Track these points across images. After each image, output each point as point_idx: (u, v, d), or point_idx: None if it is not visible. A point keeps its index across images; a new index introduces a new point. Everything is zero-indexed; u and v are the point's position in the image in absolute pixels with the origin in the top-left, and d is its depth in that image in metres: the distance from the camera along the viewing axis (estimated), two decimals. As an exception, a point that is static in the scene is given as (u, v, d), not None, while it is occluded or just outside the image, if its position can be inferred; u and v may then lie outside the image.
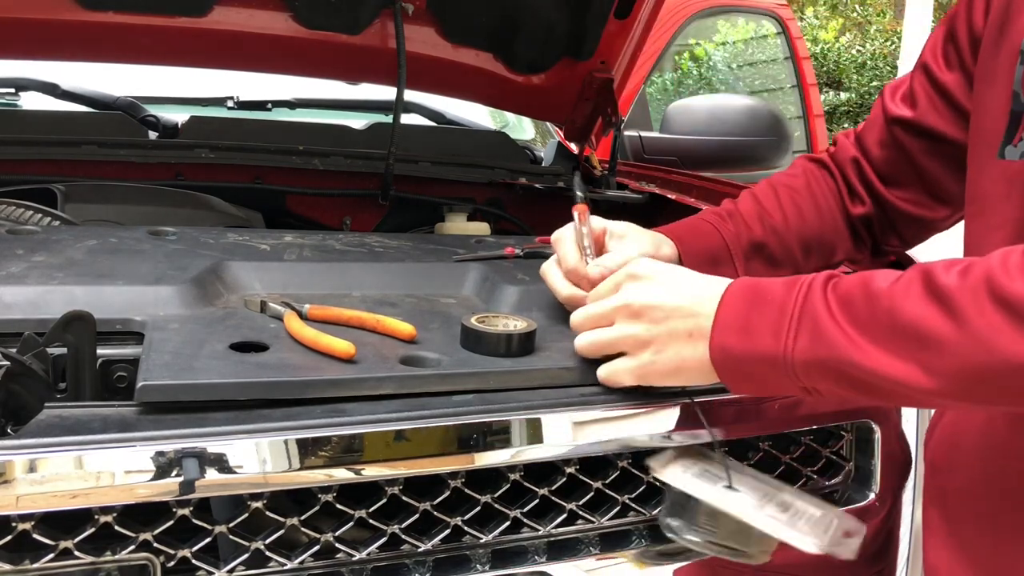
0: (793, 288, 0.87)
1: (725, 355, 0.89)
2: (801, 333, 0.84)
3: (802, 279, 0.88)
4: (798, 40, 3.84)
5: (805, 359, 0.84)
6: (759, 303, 0.88)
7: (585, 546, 1.03)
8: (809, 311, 0.84)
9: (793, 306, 0.86)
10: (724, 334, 0.89)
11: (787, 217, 1.19)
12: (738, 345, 0.88)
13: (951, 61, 1.07)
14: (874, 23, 12.64)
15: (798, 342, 0.84)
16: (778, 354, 0.85)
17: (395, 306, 1.17)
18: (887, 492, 1.23)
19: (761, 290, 0.89)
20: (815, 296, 0.85)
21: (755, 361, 0.87)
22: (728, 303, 0.90)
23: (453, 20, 1.89)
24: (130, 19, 1.68)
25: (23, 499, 0.77)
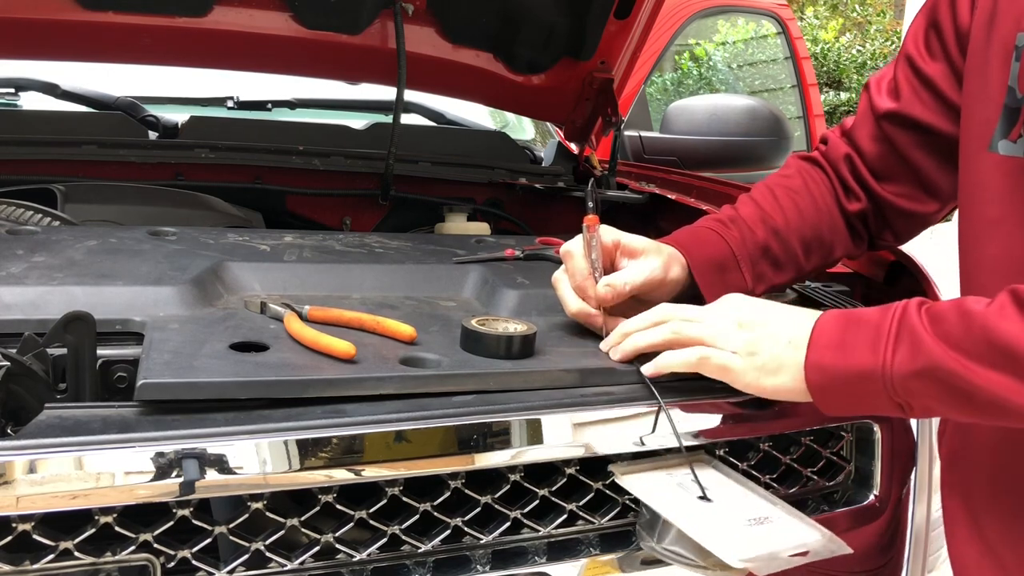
0: (887, 311, 0.90)
1: (821, 373, 0.91)
2: (900, 347, 0.87)
3: (894, 304, 0.91)
4: (798, 40, 3.84)
5: (904, 371, 0.87)
6: (854, 324, 0.92)
7: (585, 546, 1.03)
8: (907, 327, 0.88)
9: (889, 324, 0.89)
10: (820, 352, 0.92)
11: (787, 218, 1.19)
12: (835, 361, 0.91)
13: (935, 52, 1.08)
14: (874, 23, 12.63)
15: (897, 355, 0.87)
16: (876, 368, 0.88)
17: (395, 308, 1.17)
18: (891, 490, 1.23)
19: (854, 315, 0.93)
20: (911, 314, 0.88)
21: (851, 377, 0.90)
22: (823, 326, 0.93)
23: (453, 20, 1.89)
24: (130, 19, 1.68)
25: (23, 500, 0.77)
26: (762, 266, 1.18)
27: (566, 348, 1.08)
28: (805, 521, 0.96)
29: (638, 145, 2.95)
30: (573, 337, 1.12)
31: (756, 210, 1.20)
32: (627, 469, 1.00)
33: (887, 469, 1.22)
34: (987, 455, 1.00)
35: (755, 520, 0.95)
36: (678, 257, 1.15)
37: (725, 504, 0.97)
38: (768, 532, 0.93)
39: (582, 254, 1.11)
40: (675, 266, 1.14)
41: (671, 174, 2.13)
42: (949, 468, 1.08)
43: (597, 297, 1.09)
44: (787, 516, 0.97)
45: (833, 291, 1.46)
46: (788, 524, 0.96)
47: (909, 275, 1.44)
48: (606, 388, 1.01)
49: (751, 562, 0.89)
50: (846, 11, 12.84)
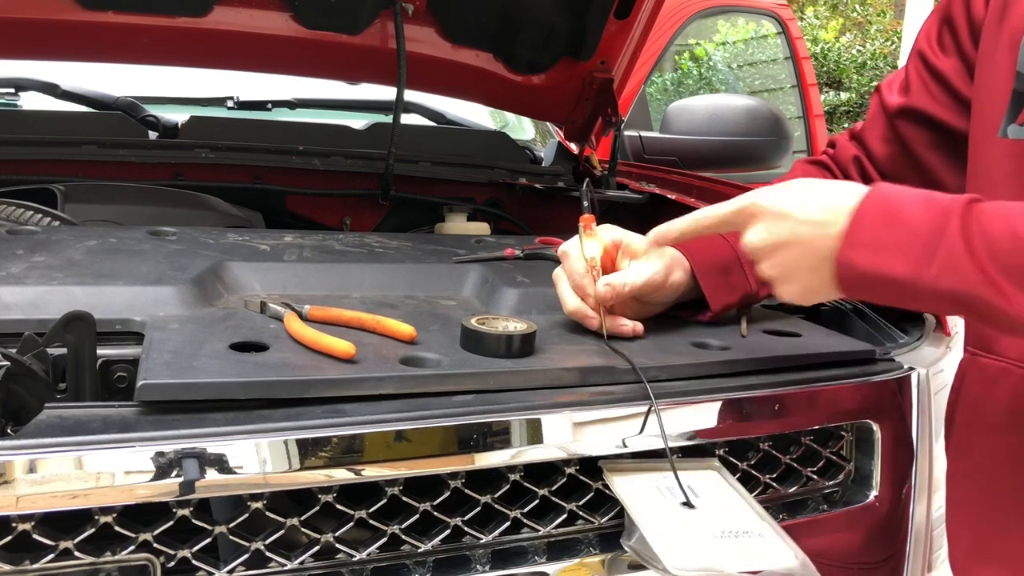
0: (931, 211, 0.86)
1: (851, 271, 0.89)
2: (936, 261, 0.84)
3: (941, 200, 0.87)
4: (798, 40, 3.84)
5: (936, 288, 0.85)
6: (893, 222, 0.87)
7: (585, 546, 1.03)
8: (948, 242, 0.84)
9: (931, 232, 0.85)
10: (853, 250, 0.88)
11: None
12: (867, 263, 0.88)
13: (947, 47, 1.09)
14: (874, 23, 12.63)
15: (932, 269, 0.85)
16: (908, 278, 0.86)
17: (395, 307, 1.17)
18: (891, 489, 1.23)
19: (897, 209, 0.88)
20: (954, 224, 0.85)
21: (882, 281, 0.88)
22: (862, 217, 0.89)
23: (453, 20, 1.89)
24: (130, 19, 1.68)
25: (23, 499, 0.77)
26: None
27: (566, 346, 1.08)
28: (785, 543, 0.94)
29: (638, 145, 2.95)
30: (573, 335, 1.12)
31: None
32: (618, 468, 1.00)
33: (887, 469, 1.22)
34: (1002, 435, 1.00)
35: (729, 533, 0.94)
36: (680, 260, 1.16)
37: (706, 513, 0.97)
38: (734, 547, 0.92)
39: (579, 254, 1.11)
40: (677, 269, 1.14)
41: (671, 174, 2.13)
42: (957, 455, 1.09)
43: (596, 296, 1.09)
44: (767, 534, 0.95)
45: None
46: (762, 543, 0.94)
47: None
48: (606, 388, 1.01)
49: (692, 573, 0.89)
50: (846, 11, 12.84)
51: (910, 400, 1.21)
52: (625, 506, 0.96)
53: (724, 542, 0.93)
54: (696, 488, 1.00)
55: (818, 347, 1.19)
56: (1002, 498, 1.01)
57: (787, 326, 1.25)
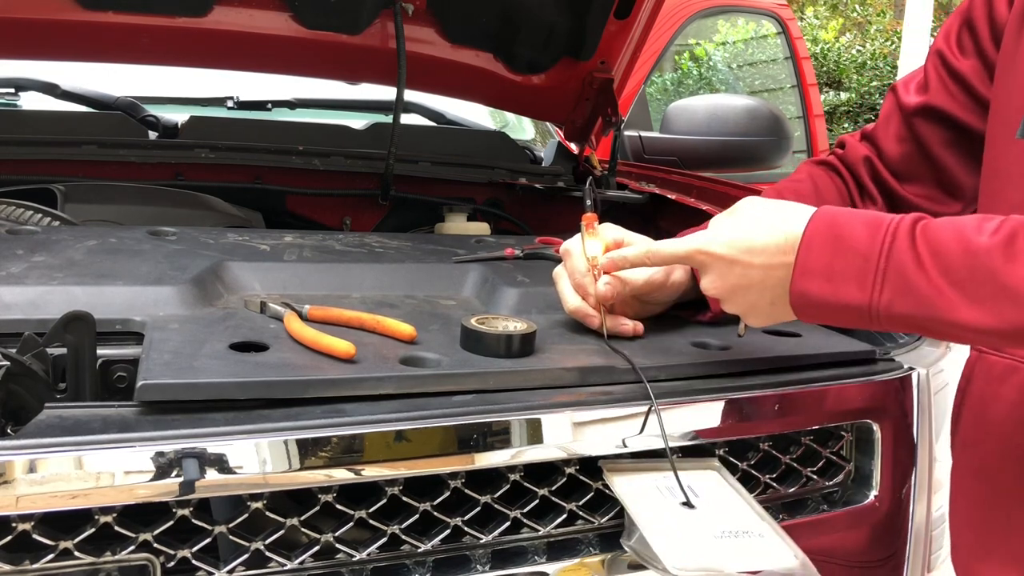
0: (878, 233, 0.87)
1: (805, 300, 0.90)
2: (887, 285, 0.85)
3: (886, 222, 0.88)
4: (798, 40, 3.84)
5: (891, 312, 0.86)
6: (840, 247, 0.88)
7: (585, 546, 1.03)
8: (896, 262, 0.85)
9: (879, 255, 0.86)
10: (805, 279, 0.90)
11: None
12: (820, 292, 0.89)
13: (966, 49, 1.10)
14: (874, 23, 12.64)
15: (883, 294, 0.86)
16: (863, 305, 0.87)
17: (395, 307, 1.17)
18: (891, 489, 1.23)
19: (843, 234, 0.89)
20: (901, 245, 0.85)
21: (837, 308, 0.89)
22: (809, 245, 0.90)
23: (453, 20, 1.89)
24: (130, 19, 1.68)
25: (23, 499, 0.77)
26: None
27: (566, 346, 1.08)
28: (785, 543, 0.94)
29: (638, 145, 2.95)
30: (573, 335, 1.12)
31: None
32: (617, 468, 1.00)
33: (887, 469, 1.22)
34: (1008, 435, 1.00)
35: (729, 533, 0.94)
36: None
37: (706, 513, 0.97)
38: (734, 547, 0.92)
39: (581, 252, 1.11)
40: (678, 269, 1.14)
41: (671, 174, 2.13)
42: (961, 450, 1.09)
43: (597, 295, 1.09)
44: (767, 534, 0.95)
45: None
46: (762, 543, 0.94)
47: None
48: (606, 388, 1.01)
49: (692, 573, 0.89)
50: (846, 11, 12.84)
51: (910, 400, 1.21)
52: (625, 506, 0.96)
53: (724, 542, 0.93)
54: (696, 488, 1.00)
55: (818, 347, 1.19)
56: (1008, 497, 1.01)
57: (787, 326, 1.24)
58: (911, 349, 1.29)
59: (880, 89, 10.97)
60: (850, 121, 10.93)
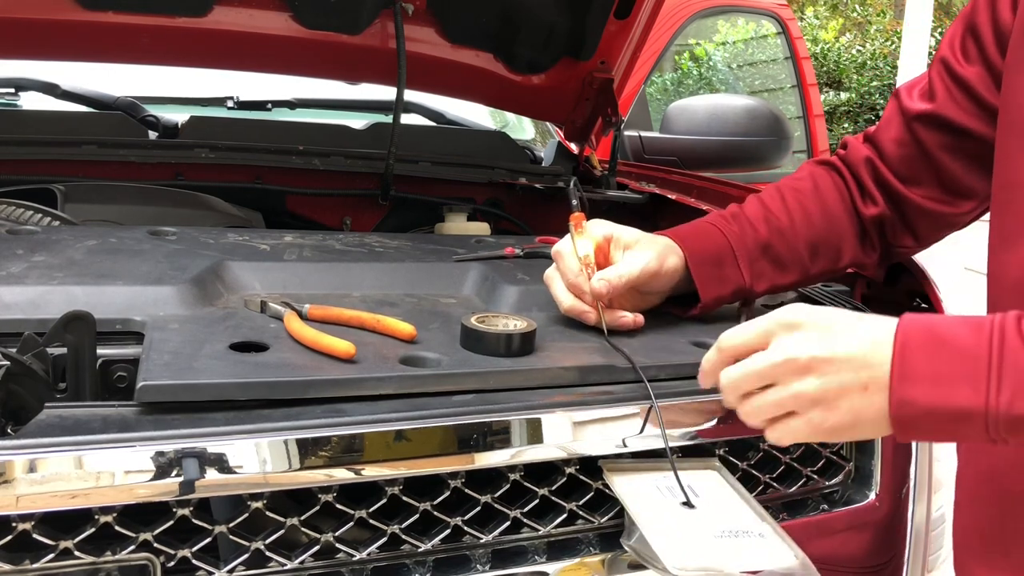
0: (982, 331, 0.79)
1: (910, 409, 0.80)
2: (1004, 386, 0.76)
3: (988, 320, 0.80)
4: (798, 40, 3.84)
5: (1012, 413, 0.77)
6: (943, 349, 0.80)
7: (585, 546, 1.03)
8: (1011, 361, 0.77)
9: (989, 352, 0.78)
10: (908, 386, 0.80)
11: (793, 219, 1.19)
12: (927, 398, 0.79)
13: (971, 55, 1.07)
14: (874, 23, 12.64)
15: (1003, 393, 0.77)
16: (979, 407, 0.77)
17: (395, 306, 1.17)
18: (891, 489, 1.23)
19: (941, 334, 0.80)
20: (1012, 340, 0.78)
21: (948, 415, 0.79)
22: (906, 350, 0.80)
23: (453, 20, 1.89)
24: (130, 19, 1.68)
25: (23, 499, 0.77)
26: (762, 264, 1.17)
27: (567, 343, 1.08)
28: (785, 543, 0.94)
29: (638, 145, 2.95)
30: (574, 333, 1.12)
31: (761, 209, 1.20)
32: (618, 468, 1.00)
33: (887, 469, 1.22)
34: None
35: (729, 533, 0.94)
36: (674, 248, 1.15)
37: (706, 512, 0.96)
38: (733, 547, 0.92)
39: (572, 252, 1.11)
40: (671, 256, 1.14)
41: (671, 174, 2.13)
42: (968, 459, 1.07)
43: (592, 292, 1.09)
44: (767, 534, 0.95)
45: (833, 291, 1.46)
46: (762, 543, 0.94)
47: (909, 275, 1.44)
48: (606, 387, 1.01)
49: (692, 572, 0.88)
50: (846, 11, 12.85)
51: (910, 400, 1.21)
52: (625, 506, 0.96)
53: (724, 542, 0.93)
54: (696, 488, 1.00)
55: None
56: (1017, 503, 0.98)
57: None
58: (911, 349, 1.28)
59: (880, 89, 10.98)
60: (850, 121, 10.94)
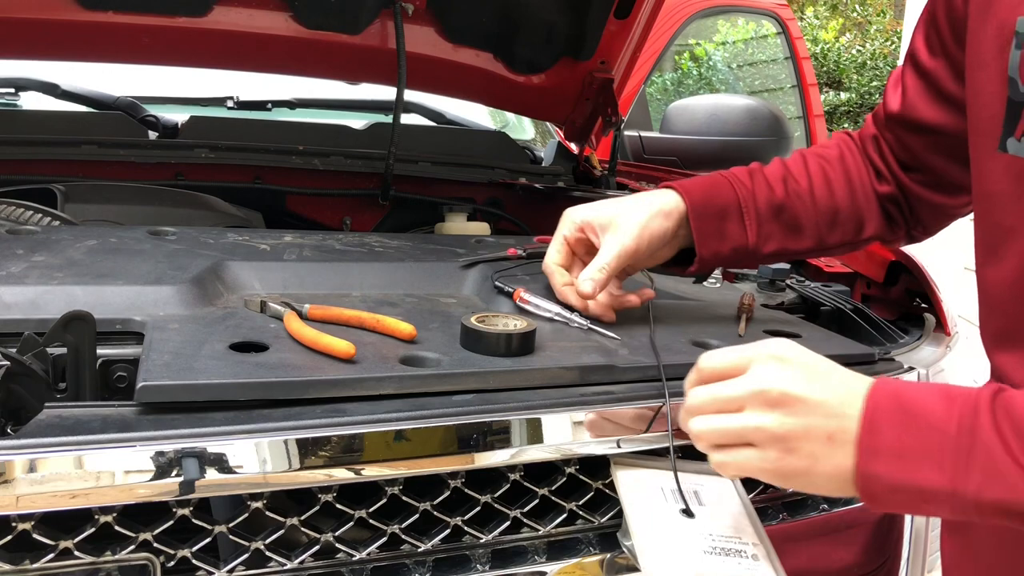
0: (954, 406, 0.75)
1: (875, 484, 0.76)
2: (974, 467, 0.73)
3: (962, 394, 0.76)
4: (798, 40, 3.84)
5: (980, 500, 0.73)
6: (912, 422, 0.76)
7: (584, 546, 1.03)
8: (982, 443, 0.73)
9: (958, 432, 0.74)
10: (873, 461, 0.76)
11: (813, 185, 1.14)
12: (891, 475, 0.76)
13: (934, 48, 1.03)
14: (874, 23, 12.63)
15: (971, 477, 0.73)
16: (945, 490, 0.74)
17: (395, 306, 1.17)
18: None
19: (910, 406, 0.76)
20: (984, 422, 0.73)
21: (913, 493, 0.75)
22: (875, 416, 0.77)
23: (453, 20, 1.89)
24: (130, 19, 1.69)
25: (23, 499, 0.77)
26: (772, 226, 1.13)
27: (566, 343, 1.07)
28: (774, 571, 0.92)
29: (638, 145, 2.95)
30: (574, 332, 1.12)
31: (781, 169, 1.15)
32: (625, 463, 1.00)
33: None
34: (991, 554, 0.95)
35: (720, 550, 0.92)
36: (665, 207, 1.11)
37: (704, 523, 0.95)
38: (720, 566, 0.90)
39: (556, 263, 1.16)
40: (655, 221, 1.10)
41: (671, 174, 2.13)
42: (952, 533, 1.02)
43: (580, 295, 1.11)
44: (760, 558, 0.93)
45: (833, 291, 1.46)
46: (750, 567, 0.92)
47: (909, 275, 1.44)
48: (606, 387, 1.01)
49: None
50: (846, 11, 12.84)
51: (910, 400, 1.21)
52: (623, 505, 0.96)
53: (712, 559, 0.91)
54: (703, 494, 0.99)
55: (818, 348, 1.18)
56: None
57: (787, 326, 1.25)
58: (911, 349, 1.29)
59: (880, 89, 10.97)
60: (850, 121, 10.93)
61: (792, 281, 1.51)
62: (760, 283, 1.51)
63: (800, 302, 1.44)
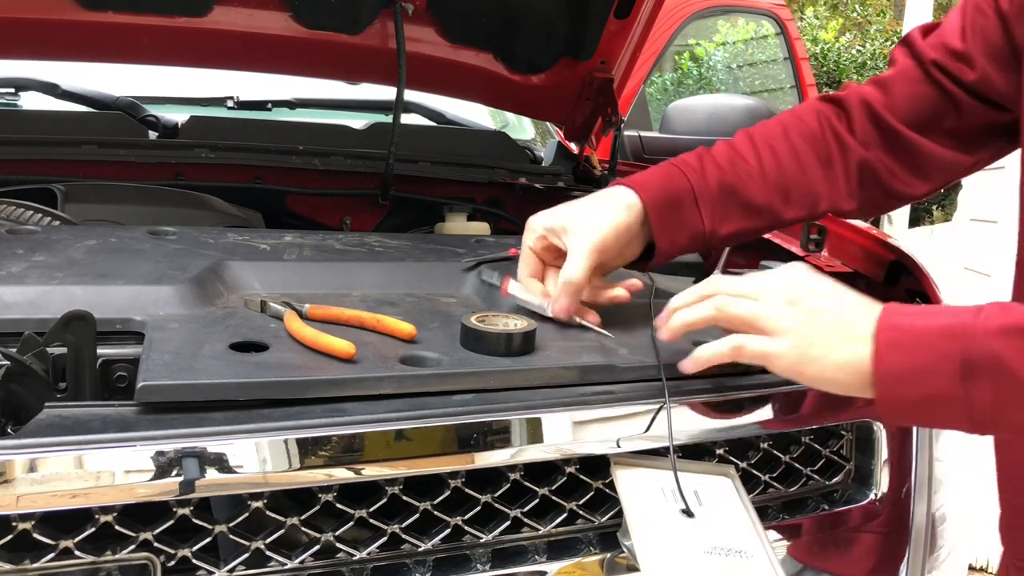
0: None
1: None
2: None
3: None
4: (797, 41, 3.85)
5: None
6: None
7: (585, 545, 1.03)
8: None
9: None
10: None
11: (762, 162, 1.14)
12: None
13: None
14: (874, 23, 12.63)
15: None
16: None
17: (395, 305, 1.17)
18: (891, 489, 1.23)
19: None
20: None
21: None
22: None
23: (453, 20, 1.89)
24: (130, 19, 1.69)
25: (23, 499, 0.77)
26: (727, 207, 1.12)
27: (567, 343, 1.07)
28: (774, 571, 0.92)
29: (638, 145, 2.95)
30: (574, 332, 1.12)
31: (728, 150, 1.15)
32: (625, 462, 1.00)
33: (887, 468, 1.22)
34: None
35: (720, 550, 0.92)
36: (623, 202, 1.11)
37: (704, 524, 0.95)
38: (719, 566, 0.91)
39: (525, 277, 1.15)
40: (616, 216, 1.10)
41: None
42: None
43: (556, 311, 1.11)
44: (759, 557, 0.94)
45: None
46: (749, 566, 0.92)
47: (909, 275, 1.44)
48: (607, 387, 1.01)
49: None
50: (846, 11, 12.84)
51: (910, 399, 1.21)
52: (623, 505, 0.96)
53: (711, 559, 0.91)
54: (703, 494, 0.99)
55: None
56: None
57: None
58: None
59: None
60: (850, 121, 10.91)
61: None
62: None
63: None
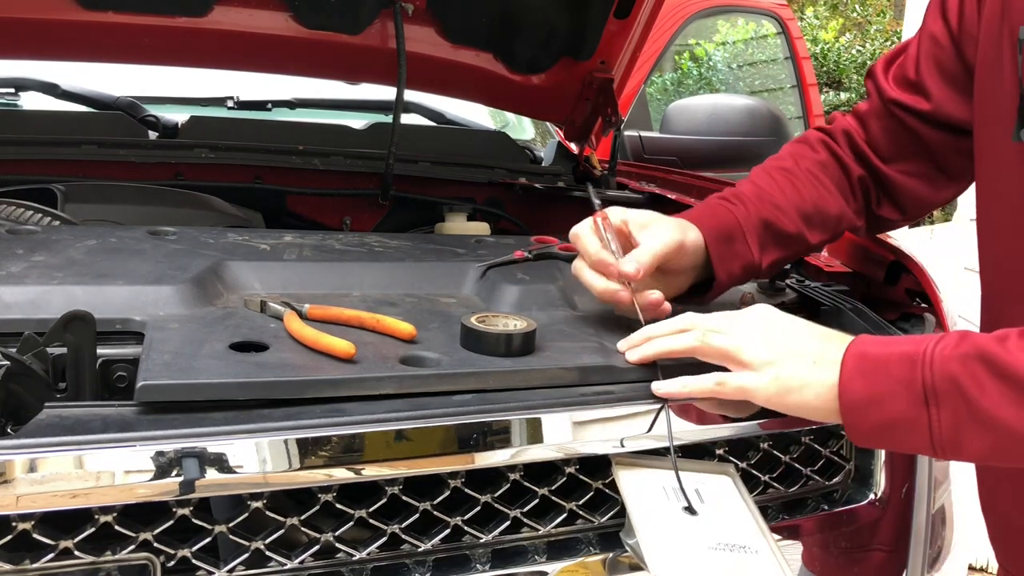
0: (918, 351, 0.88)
1: (853, 392, 0.89)
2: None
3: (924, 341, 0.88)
4: (798, 40, 3.84)
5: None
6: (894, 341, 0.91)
7: (585, 546, 1.03)
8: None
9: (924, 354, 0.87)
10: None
11: (785, 194, 1.21)
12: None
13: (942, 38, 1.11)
14: (874, 23, 12.62)
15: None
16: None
17: (395, 305, 1.17)
18: (891, 489, 1.22)
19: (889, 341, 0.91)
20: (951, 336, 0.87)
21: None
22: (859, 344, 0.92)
23: (453, 20, 1.89)
24: (130, 19, 1.68)
25: (23, 499, 0.77)
26: (765, 238, 1.19)
27: (567, 343, 1.07)
28: (779, 564, 0.93)
29: (638, 145, 2.95)
30: (574, 332, 1.12)
31: (754, 188, 1.22)
32: (627, 462, 1.00)
33: (887, 468, 1.22)
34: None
35: (725, 546, 0.93)
36: (690, 225, 1.15)
37: (707, 521, 0.95)
38: (726, 561, 0.91)
39: (590, 230, 1.09)
40: (690, 231, 1.14)
41: (671, 174, 2.12)
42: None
43: (622, 275, 1.06)
44: (764, 552, 0.94)
45: (833, 290, 1.46)
46: (756, 561, 0.93)
47: (909, 275, 1.44)
48: (606, 387, 1.01)
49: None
50: (846, 11, 12.84)
51: (910, 399, 1.21)
52: (626, 504, 0.96)
53: (717, 555, 0.91)
54: (704, 492, 0.99)
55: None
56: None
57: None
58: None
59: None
60: (850, 121, 10.91)
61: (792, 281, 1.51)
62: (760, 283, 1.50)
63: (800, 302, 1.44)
